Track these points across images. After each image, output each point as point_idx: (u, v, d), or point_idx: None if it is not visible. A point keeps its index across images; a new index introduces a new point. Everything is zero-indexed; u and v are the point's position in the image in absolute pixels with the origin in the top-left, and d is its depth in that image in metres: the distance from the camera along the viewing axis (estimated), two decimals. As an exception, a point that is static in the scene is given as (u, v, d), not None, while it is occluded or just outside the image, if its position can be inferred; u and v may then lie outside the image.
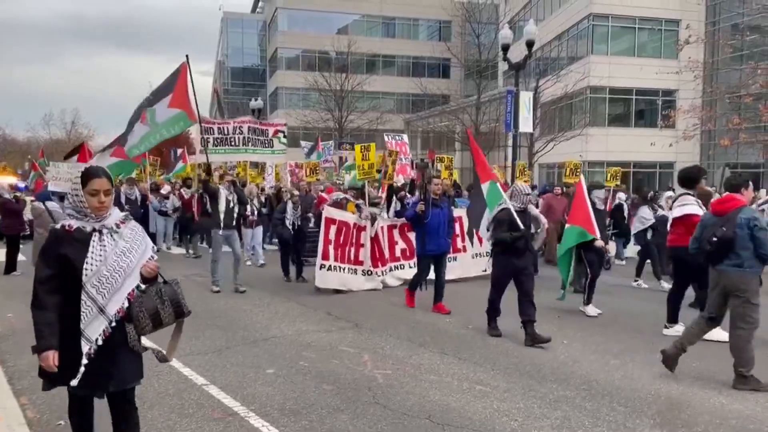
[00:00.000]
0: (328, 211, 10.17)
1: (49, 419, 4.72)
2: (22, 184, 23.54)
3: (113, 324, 3.15)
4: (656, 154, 34.03)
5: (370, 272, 10.47)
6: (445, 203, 9.17)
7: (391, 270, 10.88)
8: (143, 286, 3.23)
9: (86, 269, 3.09)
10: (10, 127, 69.30)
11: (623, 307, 9.33)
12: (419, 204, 8.66)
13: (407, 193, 13.19)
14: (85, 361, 3.10)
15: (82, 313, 3.09)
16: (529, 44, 17.63)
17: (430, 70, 54.01)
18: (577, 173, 15.23)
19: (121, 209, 12.43)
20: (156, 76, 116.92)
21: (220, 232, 10.11)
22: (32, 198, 16.64)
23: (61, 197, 12.82)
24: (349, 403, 5.07)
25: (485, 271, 10.44)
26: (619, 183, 15.21)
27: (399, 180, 14.39)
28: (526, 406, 5.07)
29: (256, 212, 13.56)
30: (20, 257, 12.60)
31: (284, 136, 13.67)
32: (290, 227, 11.62)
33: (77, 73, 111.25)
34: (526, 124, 18.01)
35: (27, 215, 13.47)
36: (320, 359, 6.30)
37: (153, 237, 14.19)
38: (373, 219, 10.65)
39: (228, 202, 10.22)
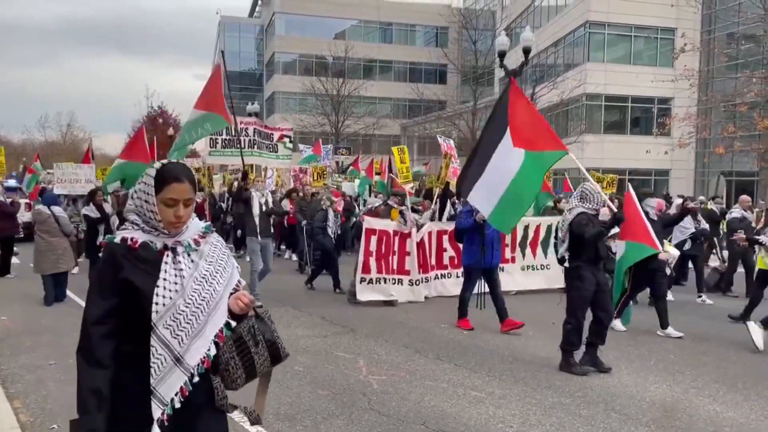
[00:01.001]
0: (368, 222, 9.66)
1: (42, 422, 4.69)
2: (12, 182, 23.32)
3: (195, 379, 2.26)
4: (652, 162, 34.13)
5: (418, 282, 9.90)
6: None
7: (436, 278, 10.38)
8: (233, 324, 2.40)
9: (157, 303, 2.18)
10: (5, 128, 69.00)
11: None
12: (480, 213, 7.53)
13: (456, 199, 12.55)
14: (156, 431, 2.19)
15: (152, 365, 2.19)
16: (526, 51, 17.71)
17: (426, 76, 54.11)
18: (614, 184, 15.03)
19: (107, 217, 11.59)
20: (152, 80, 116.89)
21: (258, 239, 9.55)
22: (27, 200, 16.57)
23: (74, 199, 12.55)
24: (344, 408, 5.05)
25: (544, 289, 10.31)
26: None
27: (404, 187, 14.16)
28: (521, 413, 5.06)
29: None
30: (14, 260, 12.55)
31: (290, 141, 13.55)
32: (332, 236, 11.13)
33: (74, 76, 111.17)
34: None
35: (21, 218, 13.38)
36: (315, 364, 6.28)
37: None
38: (418, 225, 10.12)
39: (261, 206, 9.76)
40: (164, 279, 2.22)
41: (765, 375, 6.21)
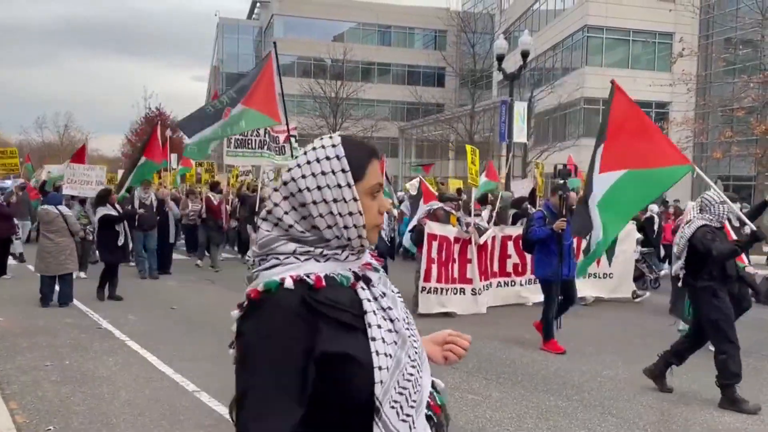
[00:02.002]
0: (429, 227, 8.95)
1: (38, 424, 4.68)
2: (8, 182, 23.17)
3: None
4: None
5: (479, 291, 9.33)
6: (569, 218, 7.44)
7: (498, 285, 9.85)
8: (440, 385, 1.56)
9: (380, 368, 1.31)
10: (2, 129, 69.01)
11: (615, 318, 9.34)
12: (559, 221, 6.92)
13: (528, 205, 12.04)
14: None
15: None
16: (524, 55, 17.75)
17: (425, 79, 54.14)
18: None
19: (133, 216, 11.41)
20: (151, 81, 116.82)
21: None
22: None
23: (81, 200, 11.98)
24: (341, 411, 5.04)
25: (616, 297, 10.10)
26: None
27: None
28: (518, 416, 5.07)
29: None
30: (10, 261, 12.52)
31: (296, 141, 13.24)
32: (386, 239, 10.34)
33: (72, 76, 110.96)
34: (520, 134, 18.09)
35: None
36: (312, 367, 6.26)
37: (170, 249, 13.11)
38: (479, 231, 9.52)
39: None
40: (378, 327, 1.35)
41: (760, 379, 6.22)
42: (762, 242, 6.24)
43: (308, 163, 1.36)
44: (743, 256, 6.67)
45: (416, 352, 1.41)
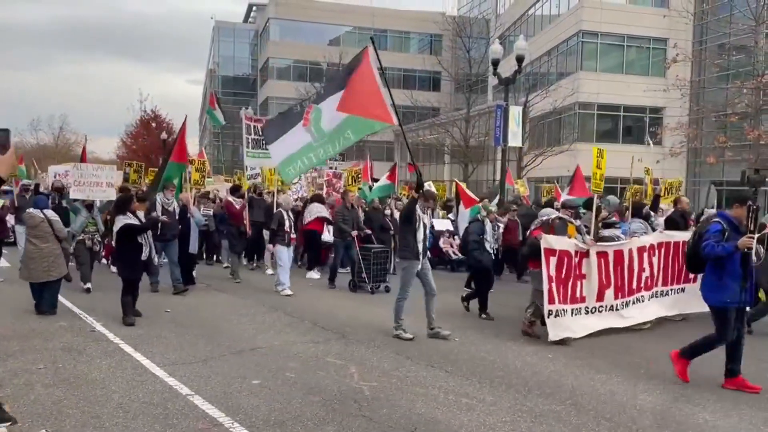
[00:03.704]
0: (546, 241, 7.80)
1: (31, 427, 4.66)
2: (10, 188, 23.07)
3: None
4: (643, 171, 34.36)
5: (593, 309, 8.24)
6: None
7: (634, 303, 8.68)
8: None
9: None
10: (-4, 131, 68.75)
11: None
12: (746, 238, 5.88)
13: (651, 211, 11.16)
14: None
15: None
16: (519, 59, 17.78)
17: (420, 83, 54.28)
18: (676, 190, 14.37)
19: (155, 223, 9.75)
20: (146, 84, 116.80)
21: (419, 264, 7.92)
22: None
23: (89, 206, 10.89)
24: (335, 414, 5.04)
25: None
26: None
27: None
28: (512, 420, 5.07)
29: (293, 227, 11.50)
30: (2, 263, 12.47)
31: None
32: (491, 251, 9.57)
33: (66, 79, 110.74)
34: (515, 139, 18.12)
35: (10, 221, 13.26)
36: (306, 370, 6.27)
37: (191, 258, 11.60)
38: (605, 239, 8.70)
39: (425, 226, 8.02)
40: None
41: (754, 383, 6.23)
42: None
43: None
44: None
45: None
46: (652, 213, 11.20)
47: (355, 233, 11.86)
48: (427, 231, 8.12)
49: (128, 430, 4.67)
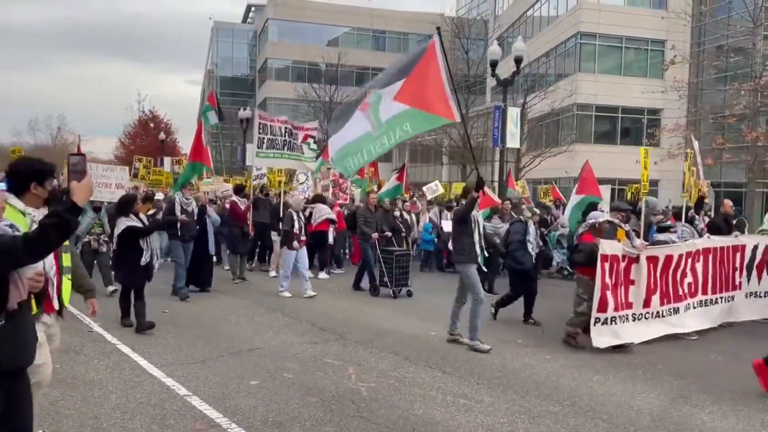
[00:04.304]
0: (603, 247, 7.51)
1: (27, 428, 4.64)
2: (2, 185, 22.98)
3: None
4: (640, 172, 34.43)
5: (639, 316, 7.91)
6: None
7: (685, 310, 8.41)
8: None
9: None
10: (-6, 131, 68.91)
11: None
12: None
13: (695, 214, 11.04)
14: None
15: None
16: (518, 61, 17.82)
17: (419, 84, 54.23)
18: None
19: (174, 224, 9.85)
20: (144, 84, 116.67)
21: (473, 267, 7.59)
22: None
23: (96, 207, 10.54)
24: (333, 415, 5.04)
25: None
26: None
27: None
28: (510, 421, 5.07)
29: (303, 229, 11.22)
30: None
31: (314, 142, 12.43)
32: (533, 253, 9.20)
33: (65, 79, 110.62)
34: (513, 140, 18.15)
35: None
36: (305, 371, 6.27)
37: (209, 259, 11.39)
38: (660, 244, 8.41)
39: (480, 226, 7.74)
40: None
41: (751, 385, 6.25)
42: None
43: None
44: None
45: None
46: (696, 216, 10.84)
47: (376, 236, 11.54)
48: (481, 230, 7.72)
49: (126, 430, 4.66)
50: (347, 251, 16.14)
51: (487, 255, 8.09)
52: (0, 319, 2.51)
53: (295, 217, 10.88)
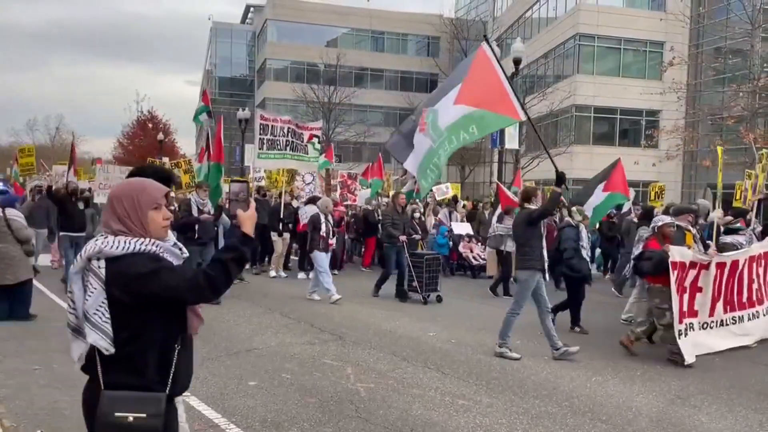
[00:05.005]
0: (673, 254, 7.04)
1: (26, 428, 4.64)
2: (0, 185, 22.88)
3: None
4: (639, 174, 34.39)
5: (704, 325, 7.46)
6: None
7: (749, 318, 7.95)
8: None
9: None
10: (-7, 131, 68.90)
11: (605, 324, 9.37)
12: None
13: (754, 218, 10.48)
14: None
15: None
16: (516, 62, 17.84)
17: (418, 85, 54.29)
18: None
19: (191, 226, 9.23)
20: (143, 85, 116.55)
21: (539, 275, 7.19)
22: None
23: None
24: (332, 416, 5.04)
25: None
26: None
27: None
28: (508, 422, 5.07)
29: (332, 232, 10.94)
30: None
31: (319, 142, 12.23)
32: (587, 259, 8.75)
33: (63, 80, 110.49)
34: (512, 141, 18.17)
35: None
36: (303, 372, 6.26)
37: None
38: (727, 247, 8.10)
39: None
40: None
41: (749, 385, 6.26)
42: None
43: None
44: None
45: None
46: (754, 219, 10.40)
47: (404, 238, 11.05)
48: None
49: (124, 431, 4.65)
50: (351, 252, 16.01)
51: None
52: (177, 344, 2.53)
53: (323, 220, 10.58)
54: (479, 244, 14.50)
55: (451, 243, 14.49)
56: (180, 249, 2.58)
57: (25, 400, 5.20)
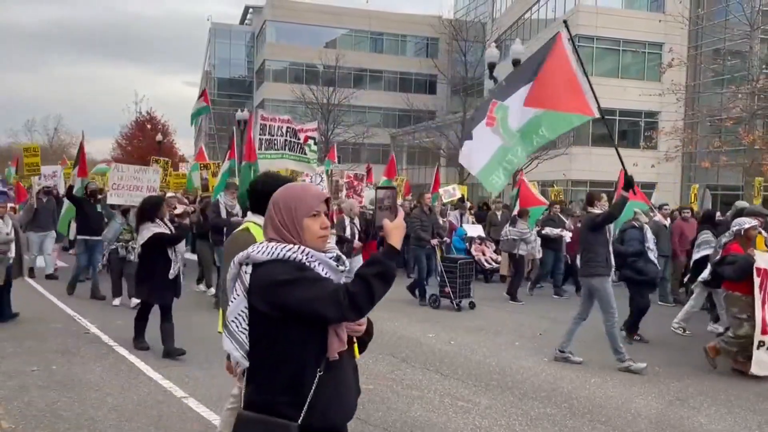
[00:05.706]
0: (759, 259, 6.63)
1: (24, 429, 4.64)
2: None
3: None
4: (638, 175, 34.06)
5: None
6: None
7: None
8: None
9: None
10: (-9, 131, 68.90)
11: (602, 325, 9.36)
12: None
13: None
14: None
15: None
16: (516, 63, 17.84)
17: (416, 86, 54.31)
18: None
19: (221, 228, 9.07)
20: (142, 85, 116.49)
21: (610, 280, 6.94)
22: (12, 204, 16.12)
23: (124, 211, 9.78)
24: (331, 417, 5.02)
25: None
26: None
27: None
28: (507, 423, 5.07)
29: (357, 235, 10.41)
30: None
31: (315, 143, 12.13)
32: (655, 261, 8.27)
33: (62, 80, 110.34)
34: (511, 142, 18.10)
35: None
36: (302, 373, 6.24)
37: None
38: None
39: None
40: None
41: (748, 387, 6.26)
42: None
43: None
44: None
45: None
46: None
47: (435, 242, 10.74)
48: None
49: (123, 432, 4.65)
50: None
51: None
52: (319, 369, 2.20)
53: (347, 223, 10.22)
54: (491, 246, 13.96)
55: (467, 245, 13.94)
56: (338, 261, 2.31)
57: (24, 402, 5.19)
